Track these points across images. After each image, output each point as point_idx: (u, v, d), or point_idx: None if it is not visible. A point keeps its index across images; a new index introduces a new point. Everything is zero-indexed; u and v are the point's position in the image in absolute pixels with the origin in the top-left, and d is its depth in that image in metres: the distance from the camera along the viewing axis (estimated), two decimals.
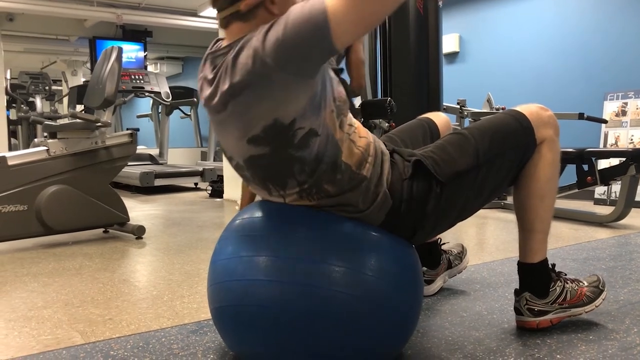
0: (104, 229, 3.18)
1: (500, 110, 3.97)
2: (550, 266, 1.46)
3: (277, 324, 1.09)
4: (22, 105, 7.06)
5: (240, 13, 1.11)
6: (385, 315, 1.12)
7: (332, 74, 1.18)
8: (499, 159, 1.31)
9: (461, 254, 1.89)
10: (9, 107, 7.61)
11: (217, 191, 5.19)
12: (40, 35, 8.54)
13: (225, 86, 1.09)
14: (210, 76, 1.14)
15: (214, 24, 6.98)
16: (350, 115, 1.23)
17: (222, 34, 1.21)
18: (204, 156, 8.11)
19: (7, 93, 7.21)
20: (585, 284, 1.49)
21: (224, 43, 1.16)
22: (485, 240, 2.85)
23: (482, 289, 1.83)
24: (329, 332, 1.07)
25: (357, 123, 1.25)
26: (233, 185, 4.78)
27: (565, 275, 1.50)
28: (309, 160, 1.11)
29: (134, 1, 7.20)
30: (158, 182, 5.54)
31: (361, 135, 1.22)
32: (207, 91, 1.15)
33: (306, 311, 1.07)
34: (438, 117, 1.71)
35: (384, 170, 1.22)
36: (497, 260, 2.29)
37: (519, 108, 1.39)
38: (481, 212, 3.87)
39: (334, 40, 0.98)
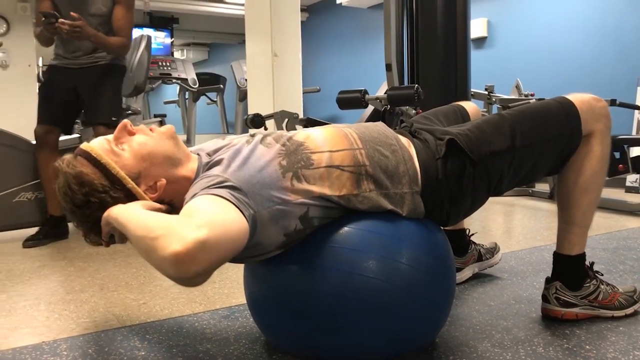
0: None
1: (530, 97, 3.91)
2: (588, 264, 1.44)
3: (311, 309, 1.11)
4: None
5: None
6: (419, 303, 1.13)
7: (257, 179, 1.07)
8: (538, 145, 1.27)
9: (493, 249, 1.89)
10: None
11: None
12: None
13: None
14: None
15: (240, 10, 6.98)
16: (310, 136, 1.17)
17: None
18: None
19: (39, 80, 7.36)
20: (620, 290, 1.46)
21: None
22: (512, 229, 2.83)
23: (510, 278, 1.83)
24: (362, 318, 1.09)
25: (328, 133, 1.19)
26: None
27: (602, 275, 1.48)
28: (324, 220, 1.13)
29: None
30: None
31: (340, 149, 1.15)
32: None
33: (341, 297, 1.09)
34: (468, 105, 1.74)
35: (397, 165, 1.18)
36: (525, 249, 2.27)
37: (569, 96, 1.33)
38: (508, 199, 3.84)
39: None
